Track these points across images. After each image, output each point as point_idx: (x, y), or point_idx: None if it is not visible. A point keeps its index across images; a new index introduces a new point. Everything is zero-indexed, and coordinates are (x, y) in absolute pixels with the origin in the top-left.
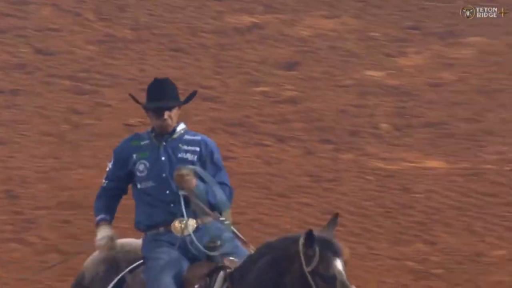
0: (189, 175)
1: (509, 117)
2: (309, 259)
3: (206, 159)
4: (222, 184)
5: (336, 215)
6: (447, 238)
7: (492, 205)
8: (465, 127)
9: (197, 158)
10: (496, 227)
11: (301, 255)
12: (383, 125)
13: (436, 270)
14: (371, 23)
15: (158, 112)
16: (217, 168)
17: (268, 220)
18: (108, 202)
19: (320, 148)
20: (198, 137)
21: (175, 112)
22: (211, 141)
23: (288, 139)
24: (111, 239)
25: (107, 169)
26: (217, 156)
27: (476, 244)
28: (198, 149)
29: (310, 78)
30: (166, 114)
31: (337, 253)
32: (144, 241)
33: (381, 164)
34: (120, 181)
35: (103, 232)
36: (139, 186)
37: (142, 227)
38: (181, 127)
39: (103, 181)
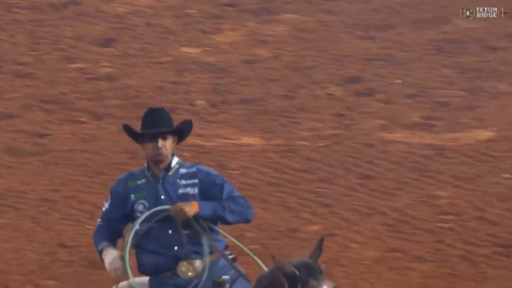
0: (187, 206)
1: (322, 94)
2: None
3: (208, 187)
4: (232, 198)
5: (322, 240)
6: (263, 214)
7: (306, 181)
8: (280, 104)
9: (198, 190)
10: (310, 203)
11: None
12: (199, 102)
13: (252, 246)
14: (188, 0)
15: (152, 140)
16: (221, 187)
17: (84, 197)
18: (107, 235)
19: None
20: (193, 169)
21: (170, 143)
22: (207, 169)
23: (104, 116)
24: (122, 258)
25: (103, 208)
26: (216, 178)
27: (291, 220)
28: (196, 181)
29: (126, 55)
30: (160, 143)
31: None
32: (150, 284)
33: (197, 141)
34: (116, 222)
35: (111, 255)
36: (138, 227)
37: (147, 272)
38: (175, 161)
39: (98, 219)
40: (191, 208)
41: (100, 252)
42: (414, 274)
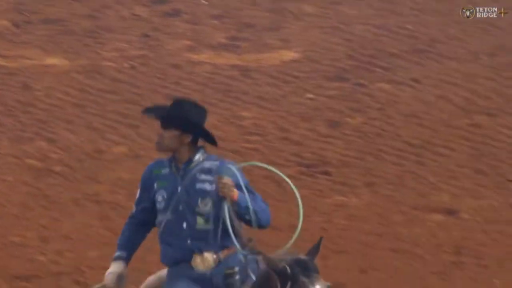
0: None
1: (128, 14)
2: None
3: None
4: (255, 196)
5: (320, 239)
6: (68, 135)
7: (112, 102)
8: (84, 24)
9: (215, 188)
10: (116, 124)
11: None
12: (2, 22)
13: (57, 167)
14: None
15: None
16: (240, 185)
17: None
18: (131, 236)
19: None
20: (216, 163)
21: (170, 134)
22: (228, 166)
23: None
24: (119, 277)
25: (137, 195)
26: (241, 181)
27: (97, 141)
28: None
29: None
30: (160, 131)
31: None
32: (167, 275)
33: (1, 62)
34: (146, 212)
35: (113, 268)
36: (159, 218)
37: (167, 262)
38: (199, 155)
39: (133, 206)
40: (234, 192)
41: (113, 259)
42: None
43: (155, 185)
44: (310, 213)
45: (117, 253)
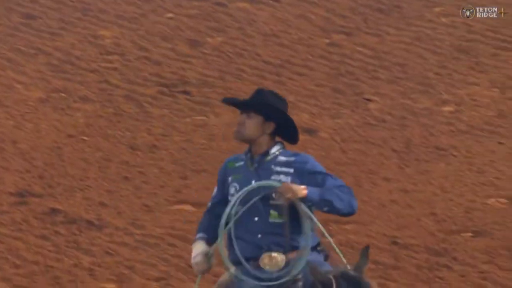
0: (295, 186)
1: None
2: None
3: (302, 176)
4: (337, 186)
5: (367, 249)
6: None
7: None
8: None
9: (290, 180)
10: None
11: None
12: None
13: None
14: None
15: (241, 115)
16: (322, 176)
17: None
18: (210, 222)
19: None
20: (292, 158)
21: (254, 121)
22: (305, 158)
23: None
24: (206, 255)
25: (214, 190)
26: (315, 167)
27: None
28: (292, 170)
29: None
30: (242, 117)
31: None
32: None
33: None
34: (219, 206)
35: (197, 249)
36: (231, 210)
37: (234, 259)
38: (276, 148)
39: (209, 203)
40: (300, 189)
41: (193, 242)
42: (79, 115)
43: (230, 178)
44: (169, 132)
45: (198, 235)
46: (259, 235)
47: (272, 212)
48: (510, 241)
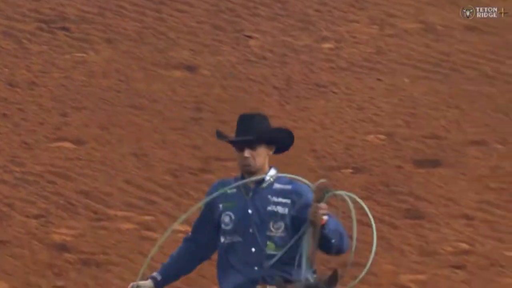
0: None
1: None
2: None
3: (299, 209)
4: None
5: (336, 273)
6: None
7: None
8: None
9: (288, 211)
10: None
11: None
12: None
13: None
14: None
15: (240, 149)
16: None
17: None
18: (178, 262)
19: None
20: (289, 186)
21: (260, 152)
22: (301, 189)
23: None
24: None
25: (198, 216)
26: (307, 199)
27: None
28: (289, 201)
29: None
30: (247, 152)
31: None
32: None
33: None
34: (206, 234)
35: (139, 284)
36: (222, 240)
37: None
38: (271, 174)
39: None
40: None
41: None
42: None
43: (221, 206)
44: (49, 69)
45: (154, 273)
46: (256, 267)
47: (269, 244)
48: (388, 177)
